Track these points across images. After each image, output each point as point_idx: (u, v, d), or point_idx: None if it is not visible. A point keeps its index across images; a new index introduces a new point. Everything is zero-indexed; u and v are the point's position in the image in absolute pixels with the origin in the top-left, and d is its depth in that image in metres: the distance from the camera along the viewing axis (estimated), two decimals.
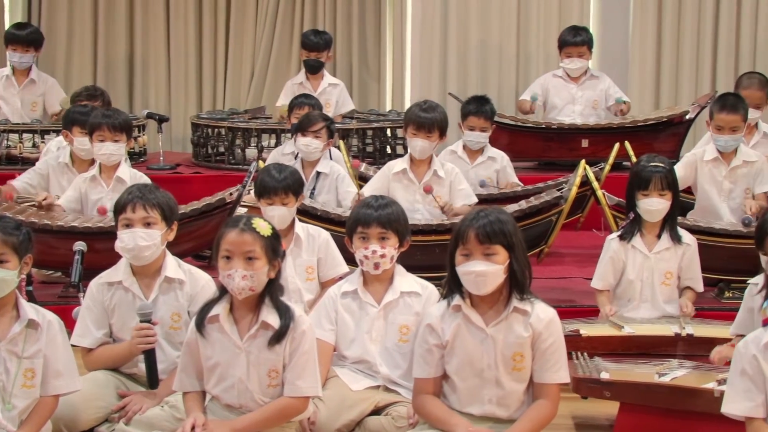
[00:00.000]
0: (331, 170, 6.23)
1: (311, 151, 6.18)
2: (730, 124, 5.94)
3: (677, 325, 4.85)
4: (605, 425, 4.37)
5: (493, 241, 3.60)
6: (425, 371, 3.74)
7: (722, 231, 5.61)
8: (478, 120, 6.62)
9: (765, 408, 3.54)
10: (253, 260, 3.65)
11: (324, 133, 6.19)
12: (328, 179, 6.21)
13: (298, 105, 6.88)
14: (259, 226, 3.70)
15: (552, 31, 8.96)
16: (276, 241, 3.73)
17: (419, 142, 5.95)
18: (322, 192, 6.18)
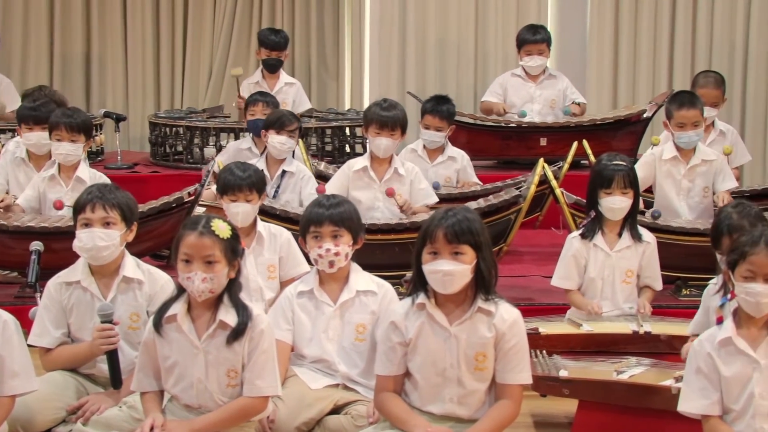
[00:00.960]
0: (297, 170, 6.20)
1: (284, 150, 6.16)
2: (691, 119, 5.99)
3: (635, 322, 4.88)
4: (564, 423, 4.38)
5: (461, 241, 3.59)
6: (387, 369, 3.74)
7: (679, 229, 5.66)
8: (434, 119, 6.62)
9: (720, 405, 3.58)
10: (213, 263, 3.64)
11: (296, 133, 6.20)
12: (294, 178, 6.18)
13: (253, 102, 6.86)
14: (219, 228, 3.68)
15: (510, 30, 8.99)
16: (235, 242, 3.72)
17: (383, 140, 5.95)
18: (286, 191, 6.16)
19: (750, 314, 3.57)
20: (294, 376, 4.19)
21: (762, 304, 3.53)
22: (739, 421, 3.55)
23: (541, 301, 5.60)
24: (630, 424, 4.15)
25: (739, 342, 3.57)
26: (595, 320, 4.93)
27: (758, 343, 3.56)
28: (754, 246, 3.56)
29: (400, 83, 9.17)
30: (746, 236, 3.63)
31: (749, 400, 3.53)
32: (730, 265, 3.62)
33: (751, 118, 8.91)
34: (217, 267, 3.64)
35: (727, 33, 8.94)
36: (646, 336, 4.77)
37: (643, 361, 4.46)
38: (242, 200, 4.96)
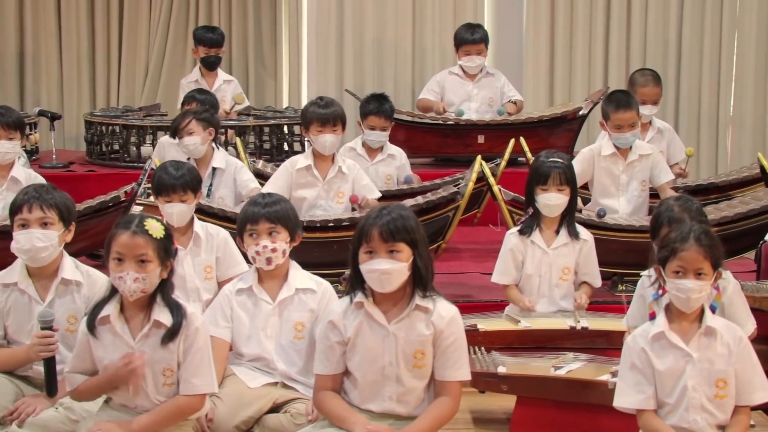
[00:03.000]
0: (227, 164, 6.16)
1: (193, 150, 6.10)
2: (628, 121, 6.06)
3: (572, 318, 4.92)
4: (502, 419, 4.42)
5: (396, 239, 3.60)
6: (326, 368, 3.74)
7: (615, 225, 5.71)
8: (379, 119, 6.61)
9: (655, 399, 3.63)
10: (145, 263, 3.62)
11: (196, 126, 6.10)
12: (225, 173, 6.14)
13: (188, 100, 6.83)
14: (152, 227, 3.66)
15: (447, 28, 9.02)
16: (168, 242, 3.70)
17: (328, 137, 5.93)
18: (220, 187, 6.12)
19: (681, 309, 3.62)
20: (232, 375, 4.18)
21: (692, 299, 3.59)
22: (673, 414, 3.61)
23: (479, 297, 5.63)
24: (567, 419, 4.20)
25: (672, 336, 3.62)
26: (533, 316, 4.97)
27: (690, 337, 3.62)
28: (684, 242, 3.61)
29: (338, 81, 9.17)
30: (675, 233, 3.68)
31: (683, 393, 3.59)
32: (661, 262, 3.67)
33: (685, 115, 9.02)
34: (149, 267, 3.62)
35: (661, 31, 9.05)
36: (583, 332, 4.81)
37: (581, 357, 4.50)
38: (177, 200, 4.92)
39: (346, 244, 3.78)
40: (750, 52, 9.02)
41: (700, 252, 3.61)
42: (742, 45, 9.05)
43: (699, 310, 3.65)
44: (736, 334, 3.66)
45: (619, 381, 3.71)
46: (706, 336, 3.64)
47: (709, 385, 3.59)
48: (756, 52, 9.02)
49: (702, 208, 4.42)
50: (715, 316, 3.70)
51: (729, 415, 3.62)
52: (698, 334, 3.63)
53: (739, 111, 9.10)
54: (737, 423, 3.62)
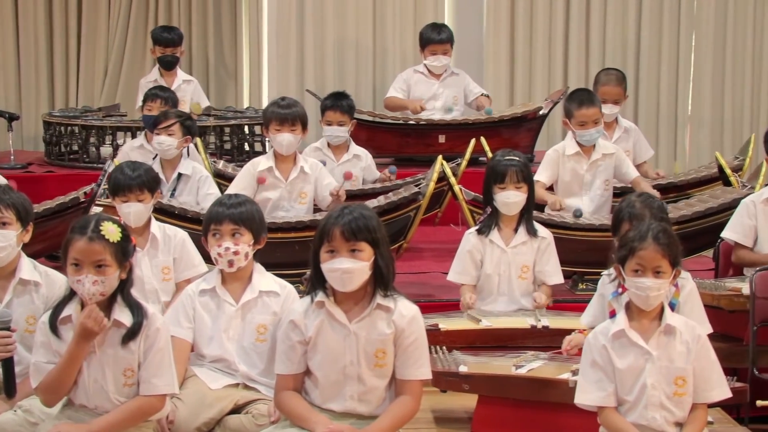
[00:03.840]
0: (193, 171, 6.13)
1: (165, 150, 6.08)
2: (591, 117, 6.12)
3: (533, 317, 4.94)
4: (464, 418, 4.42)
5: (358, 238, 3.61)
6: (287, 368, 3.74)
7: (575, 225, 5.74)
8: (335, 114, 6.60)
9: (615, 397, 3.66)
10: (103, 267, 3.60)
11: (177, 129, 6.10)
12: (191, 180, 6.11)
13: (151, 97, 6.80)
14: (108, 231, 3.63)
15: (408, 27, 9.04)
16: (126, 243, 3.68)
17: (286, 136, 5.92)
18: (183, 193, 6.08)
19: (641, 307, 3.65)
20: (193, 377, 4.17)
21: (651, 297, 3.62)
22: (633, 411, 3.64)
23: (441, 297, 5.63)
24: (528, 417, 4.21)
25: (632, 334, 3.65)
26: (494, 315, 4.98)
27: (650, 335, 3.65)
28: (642, 241, 3.65)
29: (299, 81, 9.15)
30: (634, 231, 3.71)
31: (642, 390, 3.62)
32: (620, 260, 3.70)
33: (644, 114, 9.09)
34: (108, 270, 3.61)
35: (620, 31, 9.11)
36: (543, 330, 4.83)
37: (541, 355, 4.52)
38: (134, 200, 4.90)
39: (308, 244, 3.78)
40: (707, 52, 9.10)
41: (658, 250, 3.64)
42: (699, 44, 9.14)
43: (659, 308, 3.68)
44: (695, 333, 3.69)
45: (580, 378, 3.73)
46: (666, 334, 3.67)
47: (668, 383, 3.62)
48: (713, 52, 9.10)
49: (664, 205, 4.45)
50: (675, 315, 3.73)
51: (687, 413, 3.65)
52: (658, 333, 3.66)
53: (697, 110, 9.18)
54: (695, 420, 3.65)
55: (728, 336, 4.99)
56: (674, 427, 3.64)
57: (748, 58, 9.13)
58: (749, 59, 9.13)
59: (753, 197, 5.49)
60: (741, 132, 9.06)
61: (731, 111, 9.16)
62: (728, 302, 4.98)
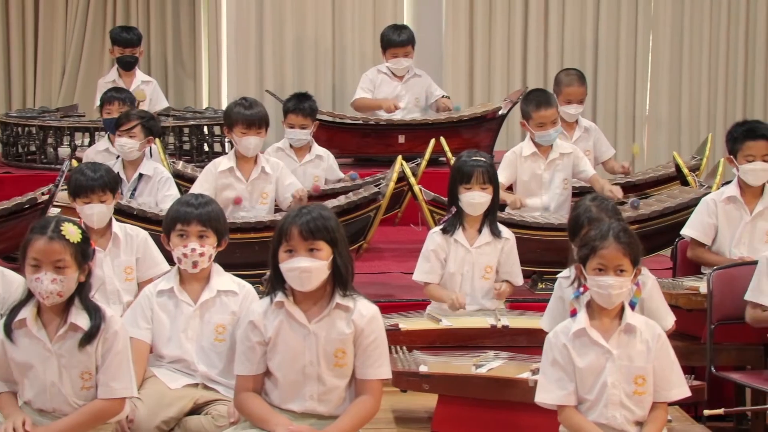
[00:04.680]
0: (154, 172, 6.09)
1: (127, 152, 6.05)
2: (550, 118, 6.15)
3: (493, 317, 4.95)
4: (424, 418, 4.43)
5: (316, 237, 3.60)
6: (247, 368, 3.72)
7: (534, 224, 5.76)
8: (297, 117, 6.59)
9: (575, 396, 3.68)
10: (63, 268, 3.58)
11: (139, 131, 6.06)
12: (151, 181, 6.08)
13: (108, 100, 6.76)
14: (69, 232, 3.61)
15: (367, 28, 9.04)
16: (86, 245, 3.66)
17: (252, 139, 5.91)
18: (143, 194, 6.04)
19: (602, 306, 3.67)
20: (153, 377, 4.14)
21: (613, 295, 3.64)
22: (593, 410, 3.65)
23: (401, 297, 5.65)
24: (489, 416, 4.22)
25: (593, 333, 3.67)
26: (454, 315, 4.99)
27: (610, 334, 3.67)
28: (604, 240, 3.67)
29: (258, 81, 9.13)
30: (595, 231, 3.73)
31: (602, 389, 3.63)
32: (582, 260, 3.71)
33: (602, 114, 9.15)
34: (67, 271, 3.59)
35: (578, 31, 9.17)
36: (503, 330, 4.85)
37: (501, 355, 4.53)
38: (96, 201, 4.87)
39: (268, 245, 3.77)
40: (665, 52, 9.18)
41: (619, 249, 3.66)
42: (657, 44, 9.22)
43: (619, 307, 3.70)
44: (655, 332, 3.71)
45: (541, 377, 3.75)
46: (626, 333, 3.68)
47: (628, 382, 3.64)
48: (670, 52, 9.18)
49: (617, 207, 4.48)
50: (635, 314, 3.75)
51: (647, 411, 3.67)
52: (618, 332, 3.68)
53: (654, 110, 9.25)
54: (655, 419, 3.67)
55: (686, 334, 5.03)
56: (634, 425, 3.66)
57: (704, 58, 9.21)
58: (706, 60, 9.21)
59: (713, 196, 5.53)
60: (698, 132, 9.13)
61: (688, 111, 9.24)
62: (686, 301, 5.02)
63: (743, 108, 9.20)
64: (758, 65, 9.20)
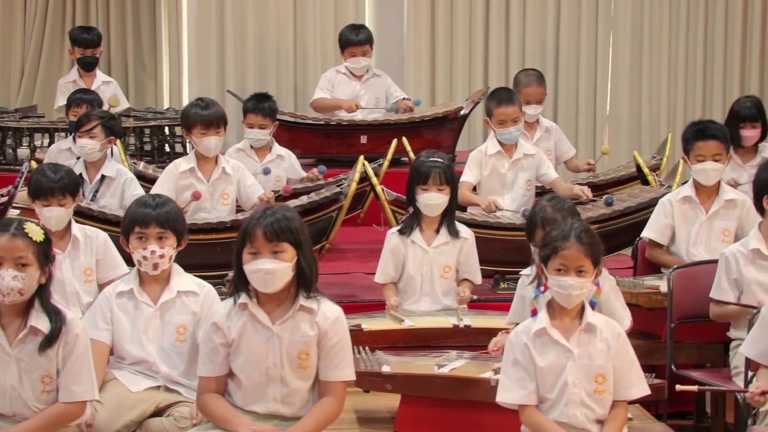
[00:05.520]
0: (117, 173, 6.06)
1: (88, 153, 6.01)
2: (511, 116, 6.16)
3: (455, 317, 4.97)
4: (387, 418, 4.43)
5: (281, 239, 3.60)
6: (210, 370, 3.71)
7: (497, 224, 5.78)
8: (257, 117, 6.58)
9: (537, 395, 3.69)
10: (25, 266, 3.57)
11: (99, 131, 6.03)
12: (114, 183, 6.04)
13: (75, 102, 6.72)
14: (32, 231, 3.60)
15: (328, 28, 9.03)
16: (48, 246, 3.65)
17: (212, 139, 5.90)
18: (105, 195, 6.00)
19: (563, 305, 3.69)
20: (114, 380, 4.13)
21: (573, 296, 3.66)
22: (554, 409, 3.67)
23: (363, 297, 5.65)
24: (451, 416, 4.23)
25: (553, 332, 3.69)
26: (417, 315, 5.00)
27: (571, 333, 3.69)
28: (565, 240, 3.69)
29: (220, 82, 9.09)
30: (557, 231, 3.75)
31: (563, 388, 3.65)
32: (543, 259, 3.73)
33: (563, 114, 9.18)
34: (29, 269, 3.58)
35: (539, 32, 9.20)
36: (466, 330, 4.86)
37: (464, 354, 4.55)
38: (55, 204, 4.82)
39: (230, 245, 3.76)
40: (625, 52, 9.23)
41: (580, 250, 3.68)
42: (617, 45, 9.27)
43: (579, 306, 3.72)
44: (615, 330, 3.74)
45: (502, 376, 3.76)
46: (586, 332, 3.71)
47: (589, 381, 3.66)
48: (631, 52, 9.23)
49: (574, 207, 4.49)
50: (595, 313, 3.77)
51: (607, 410, 3.69)
52: (579, 331, 3.70)
53: (615, 110, 9.30)
54: (615, 417, 3.70)
55: (647, 333, 5.07)
56: (595, 424, 3.68)
57: (664, 58, 9.27)
58: (665, 60, 9.27)
59: (670, 196, 5.58)
60: (658, 131, 9.19)
61: (648, 111, 9.30)
62: (647, 300, 5.06)
63: (702, 108, 9.27)
64: (717, 65, 9.27)
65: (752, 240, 4.72)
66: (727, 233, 5.41)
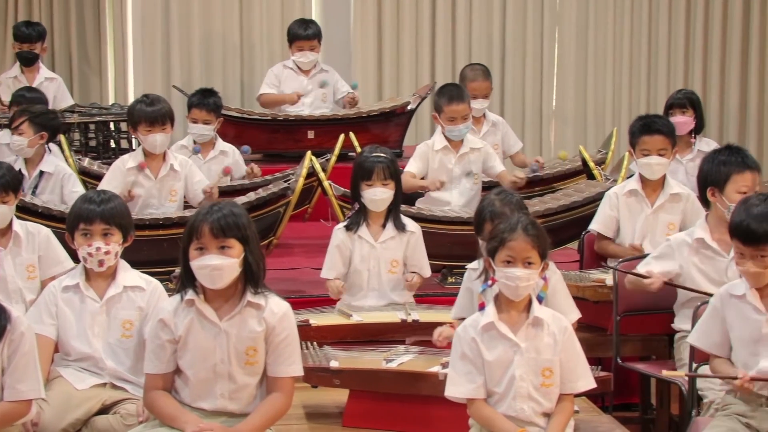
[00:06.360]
0: (56, 169, 6.01)
1: (17, 149, 5.96)
2: (461, 113, 6.17)
3: (403, 311, 4.97)
4: (335, 413, 4.43)
5: (227, 235, 3.59)
6: (156, 367, 3.70)
7: (444, 218, 5.79)
8: (201, 112, 6.56)
9: (485, 389, 3.71)
10: None
11: (27, 128, 5.96)
12: (53, 179, 5.99)
13: (16, 101, 6.65)
14: None
15: (275, 23, 9.00)
16: None
17: (158, 137, 5.86)
18: (45, 191, 5.94)
19: (510, 298, 3.71)
20: (59, 377, 4.10)
21: (521, 287, 3.67)
22: (502, 402, 3.69)
23: (311, 292, 5.64)
24: (399, 410, 4.24)
25: (501, 326, 3.70)
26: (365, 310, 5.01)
27: (518, 327, 3.70)
28: (512, 232, 3.70)
29: (165, 77, 9.02)
30: (504, 223, 3.77)
31: (511, 382, 3.67)
32: (490, 252, 3.74)
33: (509, 109, 9.22)
34: None
35: (485, 26, 9.23)
36: (414, 324, 4.87)
37: (412, 349, 4.55)
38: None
39: (177, 241, 3.75)
40: (570, 47, 9.29)
41: (528, 242, 3.69)
42: (562, 40, 9.33)
43: (526, 300, 3.74)
44: (562, 324, 3.76)
45: (450, 371, 3.77)
46: (534, 326, 3.72)
47: (536, 374, 3.68)
48: (576, 47, 9.29)
49: (522, 201, 4.51)
50: (542, 307, 3.79)
51: (554, 403, 3.71)
52: (526, 325, 3.71)
53: (561, 105, 9.37)
54: (562, 410, 3.72)
55: (593, 326, 5.11)
56: (542, 417, 3.70)
57: (609, 53, 9.34)
58: (610, 55, 9.34)
59: (616, 189, 5.63)
60: (603, 126, 9.26)
61: (594, 105, 9.37)
62: (593, 293, 5.10)
63: (647, 102, 9.35)
64: (661, 60, 9.36)
65: (697, 229, 4.77)
66: (672, 227, 5.47)
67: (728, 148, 4.88)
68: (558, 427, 3.68)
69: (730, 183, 4.68)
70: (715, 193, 4.72)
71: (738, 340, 3.92)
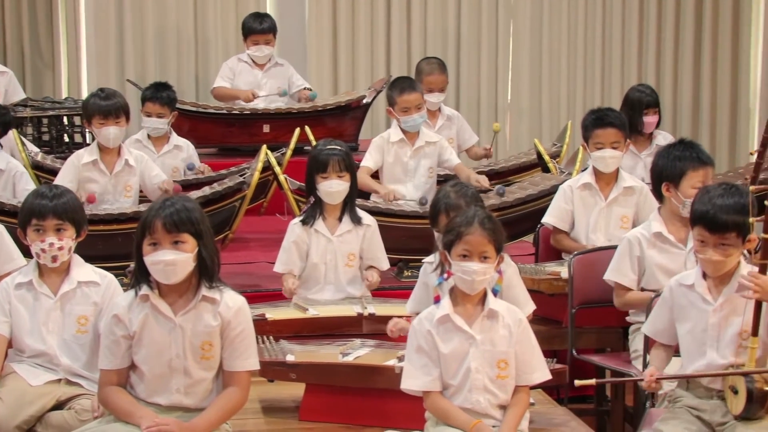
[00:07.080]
0: (7, 166, 5.96)
1: None
2: (414, 103, 6.19)
3: (359, 305, 4.98)
4: (292, 407, 4.42)
5: (180, 230, 3.58)
6: (111, 362, 3.68)
7: (400, 212, 5.80)
8: (154, 106, 6.55)
9: (441, 381, 3.72)
10: None
11: None
12: (4, 175, 5.94)
13: None
14: None
15: (229, 16, 8.95)
16: None
17: (111, 130, 5.83)
18: None
19: (465, 292, 3.71)
20: (13, 374, 4.07)
21: (477, 281, 3.68)
22: (458, 395, 3.70)
23: (267, 287, 5.63)
24: (356, 404, 4.24)
25: (456, 319, 3.71)
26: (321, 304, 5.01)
27: (474, 320, 3.71)
28: (469, 226, 3.71)
29: (119, 71, 8.95)
30: (461, 217, 3.77)
31: (466, 374, 3.68)
32: (446, 246, 3.75)
33: (465, 103, 9.24)
34: None
35: (440, 20, 9.24)
36: (370, 318, 4.87)
37: (368, 343, 4.55)
38: None
39: (131, 236, 3.73)
40: (525, 41, 9.32)
41: (484, 236, 3.70)
42: (517, 33, 9.35)
43: (482, 293, 3.75)
44: (517, 317, 3.77)
45: (406, 364, 3.78)
46: (489, 318, 3.73)
47: (491, 367, 3.69)
48: (530, 41, 9.32)
49: (478, 194, 4.52)
50: (497, 299, 3.80)
51: (510, 395, 3.72)
52: (481, 317, 3.72)
53: (516, 98, 9.39)
54: (518, 402, 3.73)
55: (548, 319, 5.14)
56: (498, 409, 3.71)
57: (563, 47, 9.38)
58: (565, 48, 9.38)
59: (570, 182, 5.66)
60: (558, 119, 9.30)
61: (548, 99, 9.40)
62: (548, 286, 5.13)
63: (601, 95, 9.40)
64: (614, 53, 9.42)
65: (653, 223, 4.80)
66: (626, 220, 5.51)
67: (682, 142, 4.90)
68: (514, 418, 3.70)
69: (686, 179, 4.71)
70: (670, 189, 4.75)
71: (686, 330, 3.95)
